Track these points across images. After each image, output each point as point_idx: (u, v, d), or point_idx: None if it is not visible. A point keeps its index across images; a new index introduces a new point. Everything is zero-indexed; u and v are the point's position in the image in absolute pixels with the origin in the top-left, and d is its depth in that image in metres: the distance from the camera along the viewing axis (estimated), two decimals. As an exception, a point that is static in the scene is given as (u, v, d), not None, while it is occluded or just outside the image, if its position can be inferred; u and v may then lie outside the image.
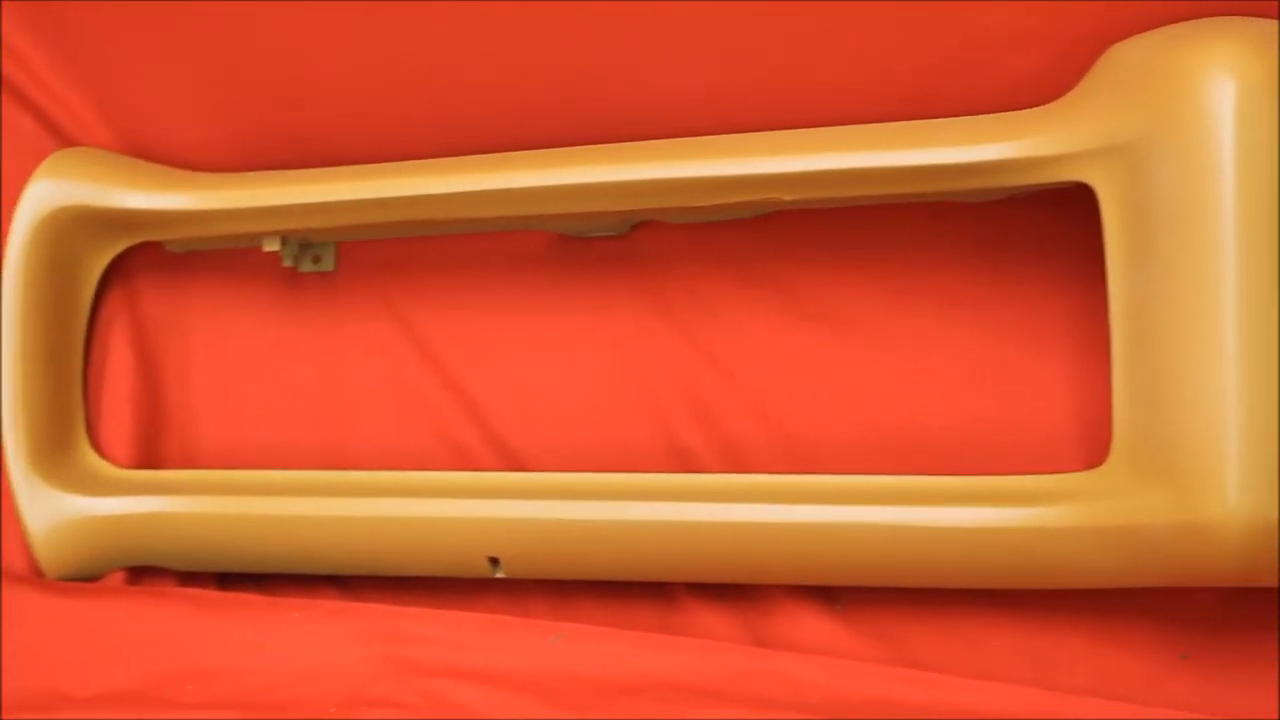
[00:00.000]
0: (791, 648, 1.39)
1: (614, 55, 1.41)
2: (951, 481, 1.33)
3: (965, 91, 1.35)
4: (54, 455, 1.51)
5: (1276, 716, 1.30)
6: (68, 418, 1.53)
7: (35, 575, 1.50)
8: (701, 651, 1.34)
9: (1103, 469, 1.30)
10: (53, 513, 1.49)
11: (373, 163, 1.46)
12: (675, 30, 1.39)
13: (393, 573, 1.46)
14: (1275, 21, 1.30)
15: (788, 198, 1.35)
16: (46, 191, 1.51)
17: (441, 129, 1.45)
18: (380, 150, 1.47)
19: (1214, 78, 1.25)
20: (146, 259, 1.56)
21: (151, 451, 1.55)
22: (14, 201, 1.50)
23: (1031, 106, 1.34)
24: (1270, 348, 1.23)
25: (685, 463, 1.45)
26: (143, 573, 1.51)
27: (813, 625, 1.39)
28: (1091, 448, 1.35)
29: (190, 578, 1.51)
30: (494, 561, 1.42)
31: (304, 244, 1.53)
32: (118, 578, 1.50)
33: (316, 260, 1.55)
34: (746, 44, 1.38)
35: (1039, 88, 1.34)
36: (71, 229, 1.51)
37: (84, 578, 1.50)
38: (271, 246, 1.50)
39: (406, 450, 1.50)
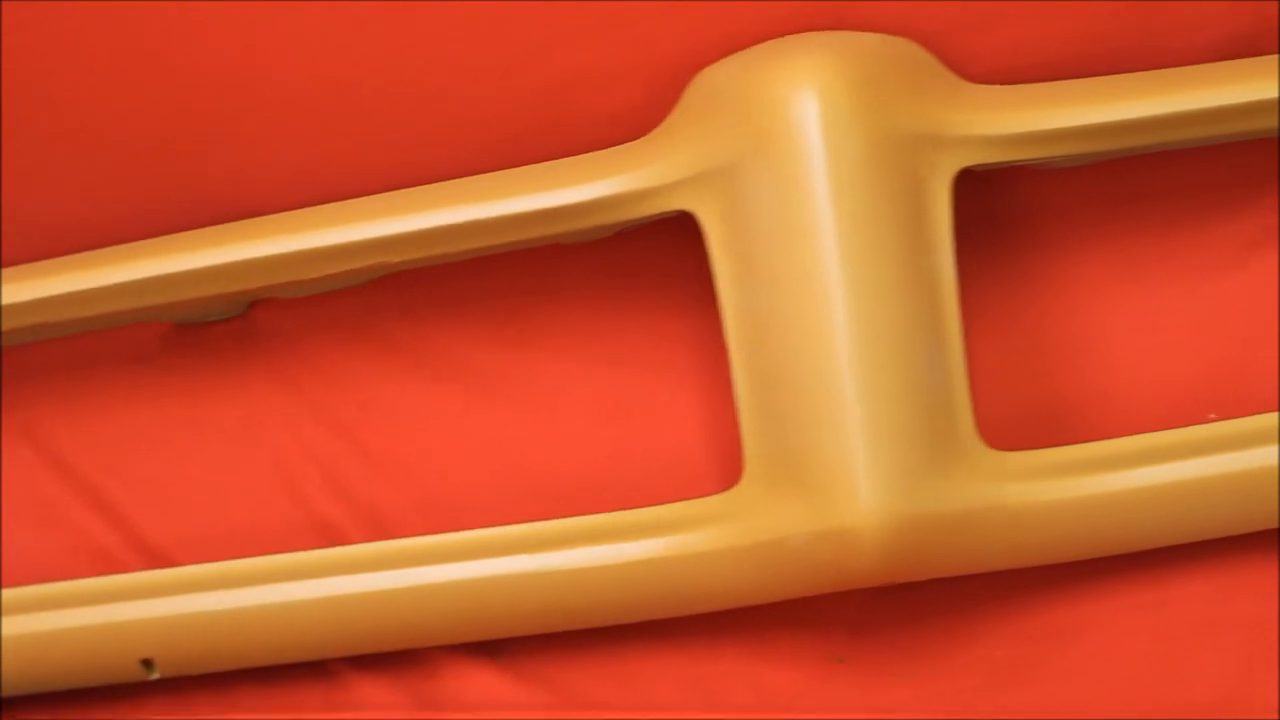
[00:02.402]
0: (460, 706, 1.39)
1: (200, 136, 1.39)
2: (595, 520, 1.34)
3: (560, 134, 1.36)
4: None
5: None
6: None
7: None
8: (370, 724, 1.33)
9: (738, 489, 1.32)
10: None
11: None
12: (265, 104, 1.37)
13: (44, 688, 1.42)
14: (853, 32, 1.33)
15: (396, 260, 1.35)
16: None
17: (35, 233, 1.41)
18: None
19: (796, 94, 1.28)
20: None
21: None
22: None
23: (628, 141, 1.35)
24: (881, 348, 1.26)
25: (329, 537, 1.44)
26: None
27: (479, 680, 1.39)
28: (728, 469, 1.37)
29: None
30: (147, 663, 1.38)
31: (-92, 364, 1.48)
32: None
33: (-77, 380, 1.50)
34: (336, 108, 1.37)
35: (633, 123, 1.35)
36: None
37: None
38: (-127, 374, 1.45)
39: (43, 561, 1.46)
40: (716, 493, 1.33)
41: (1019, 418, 1.38)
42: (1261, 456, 1.32)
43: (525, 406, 1.43)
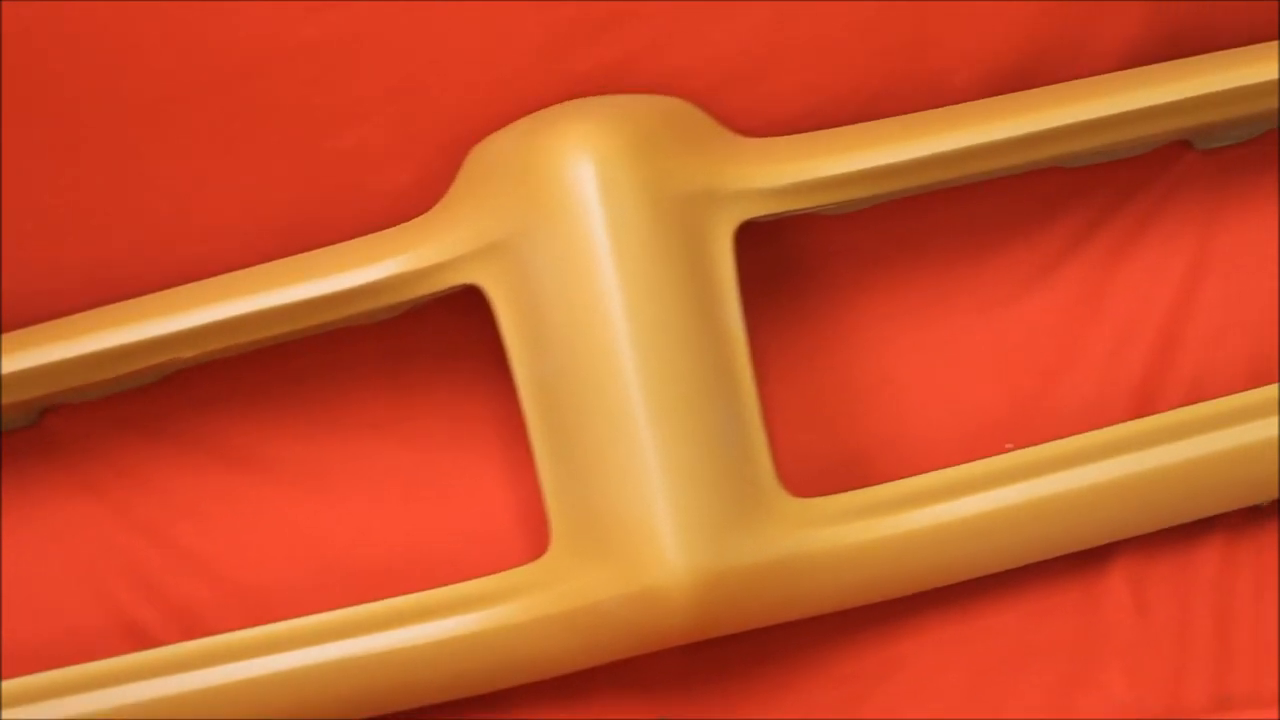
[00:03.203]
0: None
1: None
2: (407, 601, 1.33)
3: (339, 216, 1.36)
4: None
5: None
6: None
7: None
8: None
9: (546, 557, 1.32)
10: None
11: None
12: (43, 201, 1.36)
13: None
14: (625, 95, 1.34)
15: (186, 355, 1.34)
16: None
17: None
18: None
19: (572, 161, 1.29)
20: None
21: None
22: None
23: (409, 219, 1.35)
24: (676, 406, 1.27)
25: (142, 639, 1.41)
26: None
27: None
28: (538, 539, 1.37)
29: None
30: (-39, 785, 1.36)
31: None
32: None
33: None
34: (110, 207, 1.36)
35: (413, 200, 1.35)
36: None
37: None
38: None
39: None
40: (527, 563, 1.33)
41: (821, 463, 1.40)
42: (1059, 482, 1.34)
43: (330, 493, 1.42)
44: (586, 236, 1.28)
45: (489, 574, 1.34)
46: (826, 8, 1.35)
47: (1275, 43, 1.39)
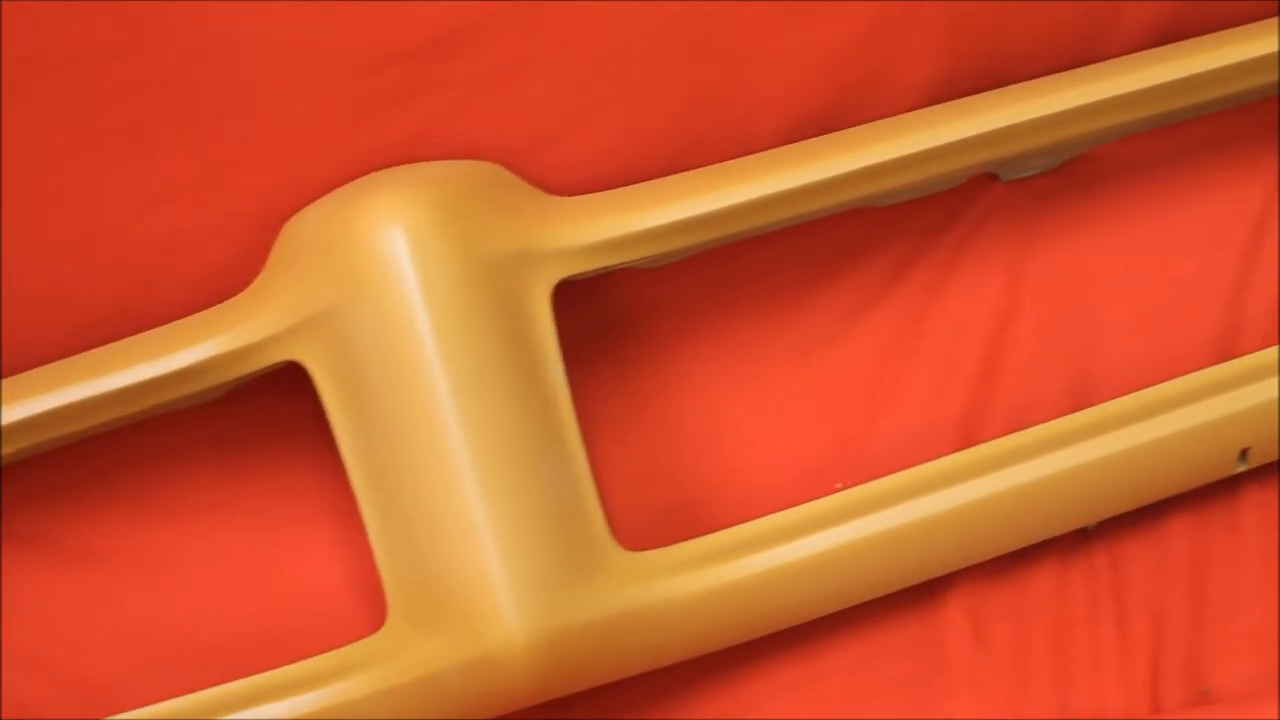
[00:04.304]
0: None
1: None
2: (245, 685, 1.32)
3: (157, 301, 1.35)
4: None
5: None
6: None
7: None
8: None
9: (384, 630, 1.31)
10: None
11: None
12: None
13: None
14: (432, 162, 1.35)
15: (9, 450, 1.32)
16: None
17: None
18: None
19: (383, 231, 1.29)
20: None
21: None
22: None
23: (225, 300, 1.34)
24: (503, 468, 1.28)
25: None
26: None
27: None
28: (377, 611, 1.36)
29: None
30: None
31: None
32: None
33: None
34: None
35: (228, 280, 1.35)
36: None
37: None
38: None
39: None
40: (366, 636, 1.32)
41: (654, 515, 1.41)
42: (891, 518, 1.36)
43: (164, 579, 1.40)
44: (402, 305, 1.28)
45: (329, 650, 1.32)
46: (629, 64, 1.36)
47: (1072, 72, 1.41)
